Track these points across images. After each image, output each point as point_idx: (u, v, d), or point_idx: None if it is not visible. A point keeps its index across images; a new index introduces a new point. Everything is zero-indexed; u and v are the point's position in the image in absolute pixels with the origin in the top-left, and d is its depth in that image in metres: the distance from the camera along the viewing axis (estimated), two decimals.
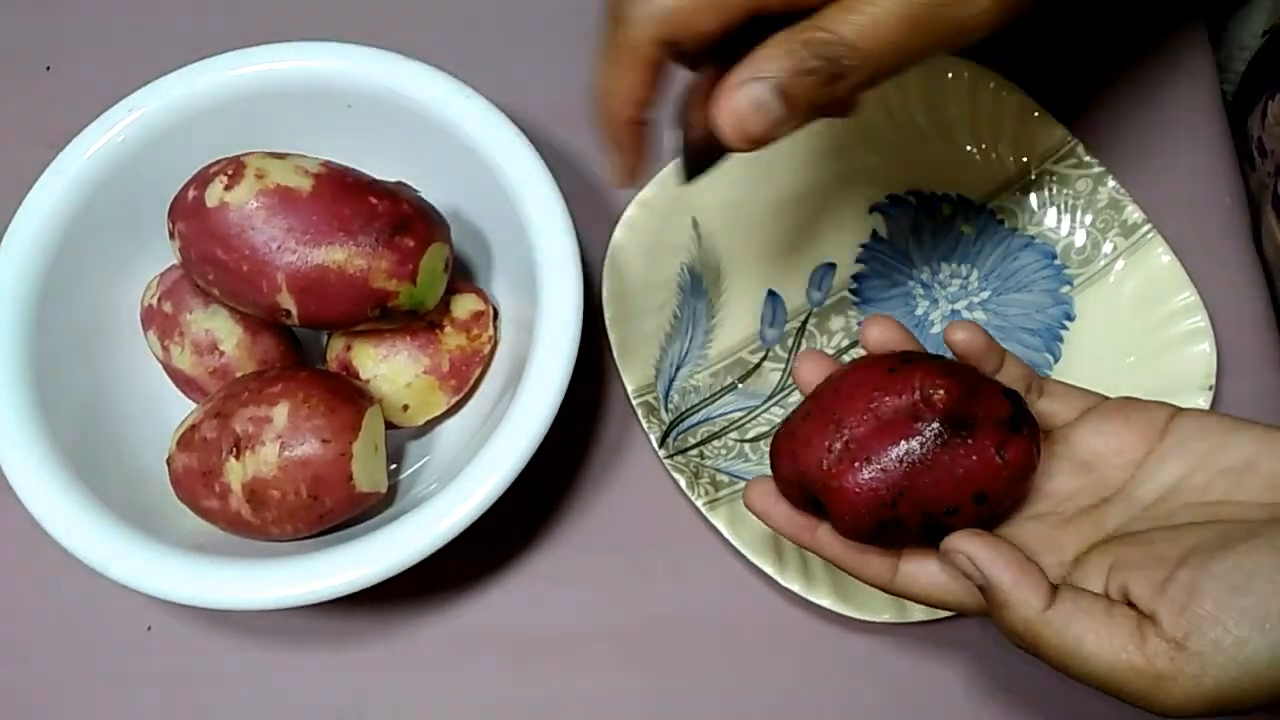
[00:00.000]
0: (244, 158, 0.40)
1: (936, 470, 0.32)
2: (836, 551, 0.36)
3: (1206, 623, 0.30)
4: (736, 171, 0.48)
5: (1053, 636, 0.31)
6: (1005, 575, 0.32)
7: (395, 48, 0.45)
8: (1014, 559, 0.32)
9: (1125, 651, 0.31)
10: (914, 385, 0.33)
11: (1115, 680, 0.31)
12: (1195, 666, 0.30)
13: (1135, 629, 0.31)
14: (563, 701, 0.44)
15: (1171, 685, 0.30)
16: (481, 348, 0.45)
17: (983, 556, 0.32)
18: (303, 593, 0.37)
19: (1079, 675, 0.31)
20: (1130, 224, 0.47)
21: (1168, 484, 0.34)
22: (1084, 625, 0.31)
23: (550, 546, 0.46)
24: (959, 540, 0.33)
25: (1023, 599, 0.32)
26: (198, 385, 0.43)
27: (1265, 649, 0.29)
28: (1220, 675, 0.29)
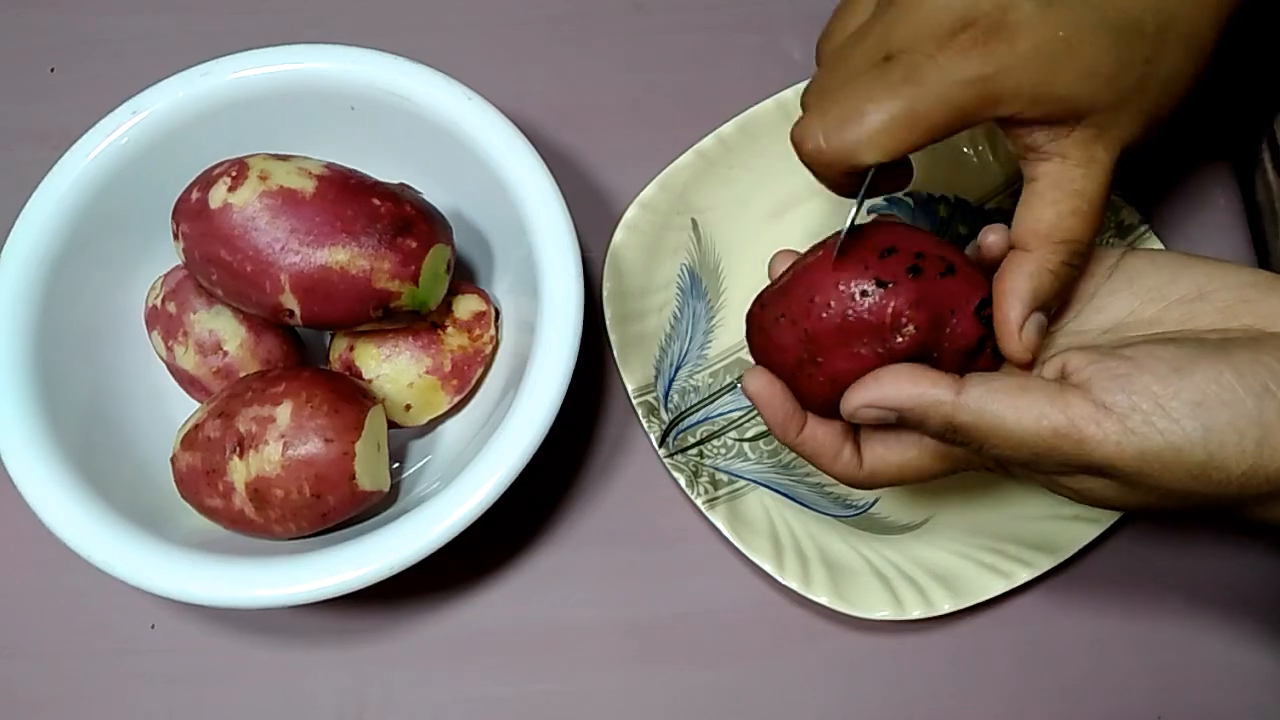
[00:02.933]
0: (247, 159, 0.40)
1: None
2: (814, 448, 0.36)
3: (1141, 395, 0.30)
4: (737, 172, 0.48)
5: (972, 420, 0.31)
6: (904, 390, 0.32)
7: (397, 50, 0.45)
8: (905, 373, 0.32)
9: (1046, 417, 0.30)
10: (887, 314, 0.33)
11: (1038, 448, 0.31)
12: (1119, 433, 0.30)
13: (1056, 394, 0.31)
14: (563, 700, 0.44)
15: (1095, 448, 0.30)
16: (483, 348, 0.45)
17: (879, 394, 0.33)
18: (305, 591, 0.38)
19: (1006, 452, 0.31)
20: (1126, 224, 0.47)
21: (1117, 317, 0.34)
22: (999, 401, 0.31)
23: (551, 545, 0.46)
24: (853, 396, 0.33)
25: (931, 397, 0.32)
26: (201, 385, 0.44)
27: (1197, 431, 0.29)
28: (1145, 446, 0.29)
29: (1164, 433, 0.29)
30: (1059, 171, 0.33)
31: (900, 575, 0.43)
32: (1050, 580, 0.44)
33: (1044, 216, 0.33)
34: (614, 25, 0.55)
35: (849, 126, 0.32)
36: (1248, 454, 0.29)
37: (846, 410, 0.33)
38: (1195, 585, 0.45)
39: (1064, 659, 0.44)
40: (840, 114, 0.32)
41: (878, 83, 0.32)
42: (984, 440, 0.32)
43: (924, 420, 0.32)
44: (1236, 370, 0.30)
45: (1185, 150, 0.51)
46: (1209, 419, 0.29)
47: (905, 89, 0.32)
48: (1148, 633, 0.44)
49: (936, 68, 0.31)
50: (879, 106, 0.32)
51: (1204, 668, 0.44)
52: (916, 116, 0.32)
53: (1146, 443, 0.29)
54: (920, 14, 0.32)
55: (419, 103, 0.44)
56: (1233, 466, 0.29)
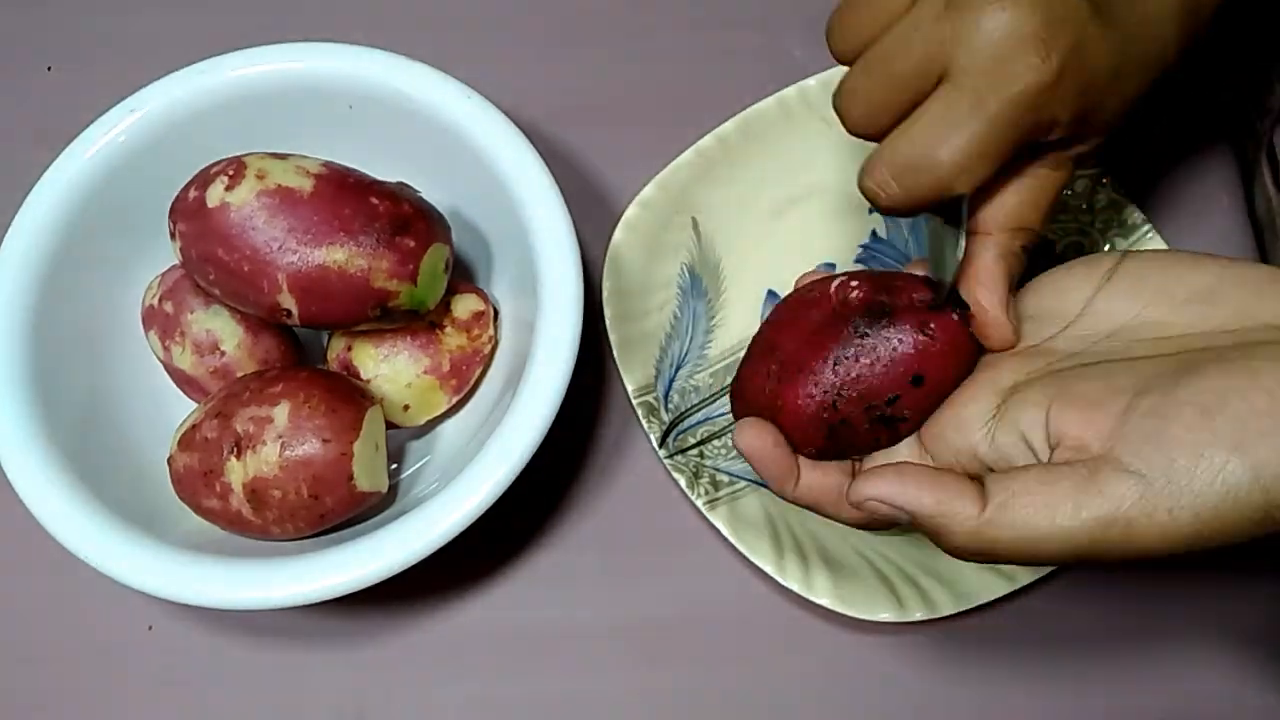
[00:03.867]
0: (245, 158, 0.40)
1: (868, 363, 0.32)
2: (815, 497, 0.34)
3: (1178, 449, 0.27)
4: (737, 171, 0.48)
5: (1001, 537, 0.29)
6: (925, 500, 0.30)
7: (396, 48, 0.45)
8: (926, 479, 0.30)
9: (1082, 509, 0.27)
10: (830, 293, 0.33)
11: (1083, 547, 0.28)
12: (1169, 500, 0.27)
13: (1085, 481, 0.28)
14: (563, 701, 0.44)
15: (1146, 528, 0.27)
16: (482, 348, 0.45)
17: (893, 493, 0.30)
18: (303, 592, 0.37)
19: (1047, 559, 0.28)
20: (1130, 224, 0.47)
21: (1121, 321, 0.32)
22: (1026, 509, 0.28)
23: (550, 546, 0.46)
24: (863, 487, 0.31)
25: (954, 514, 0.29)
26: (199, 385, 0.44)
27: (1246, 471, 0.26)
28: (1199, 505, 0.26)
29: (1213, 484, 0.26)
30: (1032, 168, 0.33)
31: (902, 577, 0.43)
32: (1053, 582, 0.44)
33: (1007, 204, 0.33)
34: (614, 25, 0.55)
35: (922, 176, 0.31)
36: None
37: (856, 499, 0.31)
38: (1197, 586, 0.45)
39: (1066, 660, 0.44)
40: (911, 158, 0.31)
41: (944, 120, 0.31)
42: (1016, 557, 0.29)
43: (942, 533, 0.30)
44: (1269, 392, 0.27)
45: (1190, 152, 0.51)
46: (1255, 456, 0.26)
47: (974, 123, 0.30)
48: (1151, 634, 0.44)
49: (1005, 94, 0.30)
50: (949, 148, 0.31)
51: (1207, 669, 0.43)
52: (986, 151, 0.31)
53: (1199, 500, 0.27)
54: (982, 31, 0.30)
55: (418, 101, 0.44)
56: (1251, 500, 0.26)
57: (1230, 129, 0.51)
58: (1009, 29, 0.30)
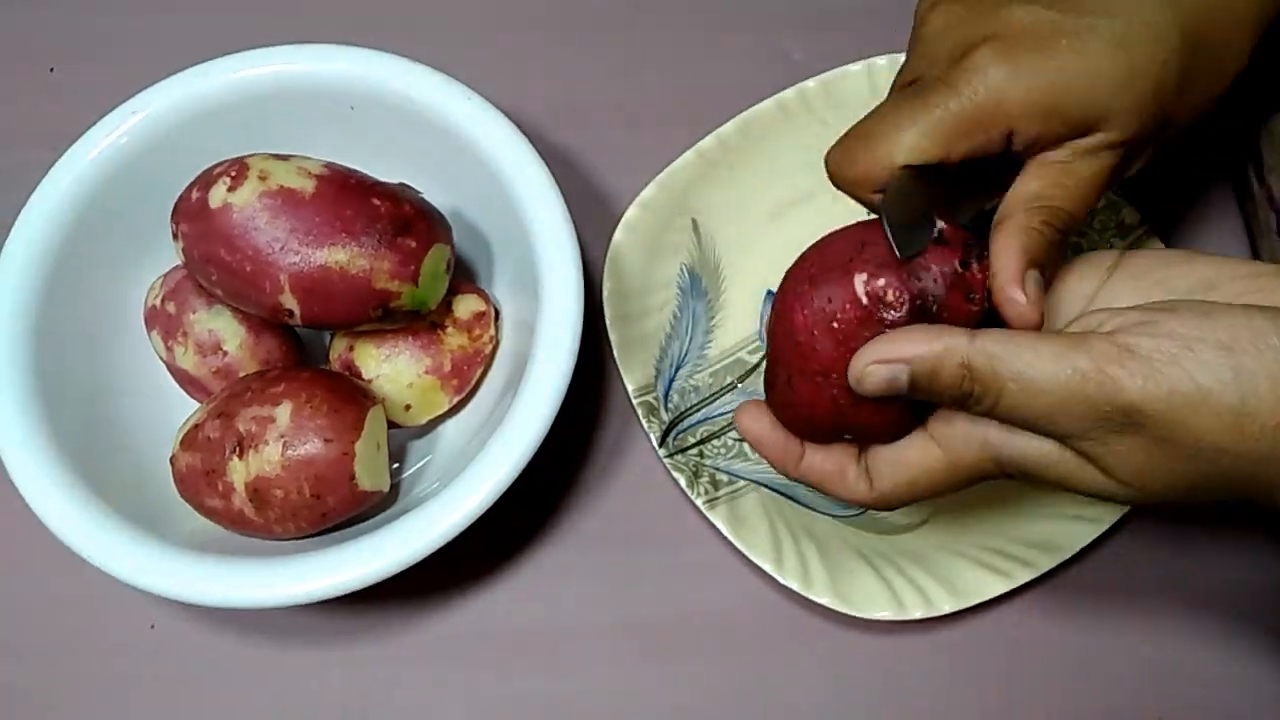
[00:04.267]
0: (247, 159, 0.40)
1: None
2: (818, 477, 0.35)
3: (1167, 338, 0.28)
4: (736, 172, 0.48)
5: (987, 364, 0.29)
6: (915, 341, 0.31)
7: (397, 50, 0.45)
8: (918, 328, 0.31)
9: (1067, 359, 0.28)
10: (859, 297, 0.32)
11: (1061, 396, 0.29)
12: (1147, 372, 0.28)
13: (1078, 340, 0.29)
14: (563, 700, 0.44)
15: (1121, 388, 0.28)
16: (483, 348, 0.45)
17: (887, 349, 0.31)
18: (305, 591, 0.38)
19: (1022, 406, 0.29)
20: (1126, 224, 0.47)
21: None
22: (1018, 343, 0.29)
23: (551, 545, 0.46)
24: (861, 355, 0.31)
25: (943, 344, 0.30)
26: (201, 385, 0.44)
27: (1227, 373, 0.27)
28: (1174, 386, 0.27)
29: (1193, 374, 0.27)
30: (1055, 159, 0.34)
31: (900, 575, 0.43)
32: (1051, 580, 0.44)
33: (1029, 188, 0.34)
34: (614, 25, 0.55)
35: (876, 144, 0.34)
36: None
37: (855, 372, 0.32)
38: (1195, 585, 0.45)
39: (1065, 659, 0.44)
40: (867, 134, 0.34)
41: (901, 104, 0.34)
42: (1002, 390, 0.29)
43: (937, 371, 0.30)
44: (1269, 317, 0.28)
45: (1186, 150, 0.51)
46: (1239, 363, 0.27)
47: (917, 103, 0.33)
48: (1148, 633, 0.44)
49: (945, 84, 0.33)
50: (898, 124, 0.33)
51: (1204, 668, 0.44)
52: (935, 129, 0.33)
53: (1175, 382, 0.28)
54: (934, 38, 0.34)
55: (419, 103, 0.44)
56: (1266, 415, 0.27)
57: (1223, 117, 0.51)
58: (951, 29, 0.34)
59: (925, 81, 0.34)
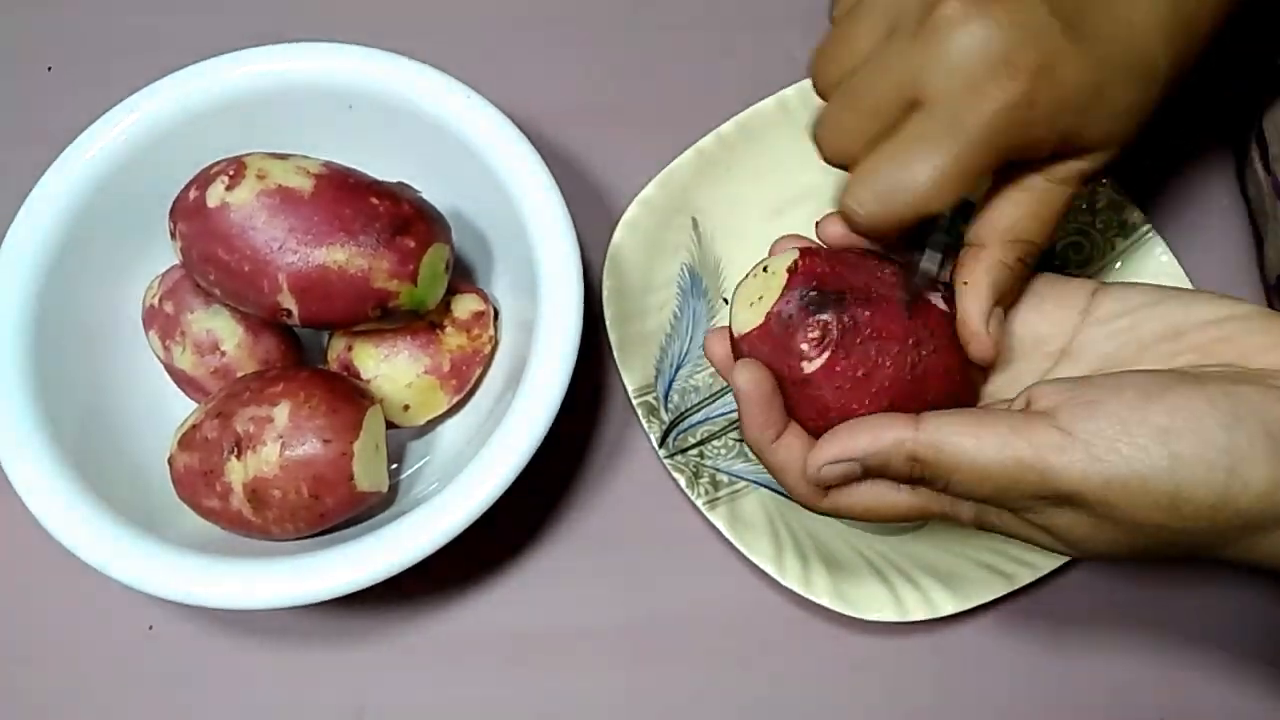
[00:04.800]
0: (245, 158, 0.40)
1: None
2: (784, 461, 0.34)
3: (1107, 421, 0.29)
4: (736, 171, 0.48)
5: (933, 454, 0.30)
6: (861, 439, 0.31)
7: (396, 49, 0.45)
8: (863, 423, 0.32)
9: (1009, 445, 0.29)
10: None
11: (1001, 486, 0.30)
12: (1086, 462, 0.29)
13: (1019, 423, 0.30)
14: (562, 701, 0.44)
15: (1059, 474, 0.29)
16: (482, 348, 0.45)
17: (838, 449, 0.32)
18: (303, 592, 0.37)
19: (972, 486, 0.30)
20: (1130, 224, 0.47)
21: (1094, 365, 0.34)
22: (959, 432, 0.30)
23: (550, 546, 0.46)
24: (815, 457, 0.32)
25: (889, 439, 0.31)
26: (199, 385, 0.44)
27: (1163, 459, 0.28)
28: (1111, 475, 0.28)
29: (1129, 459, 0.28)
30: (1030, 183, 0.34)
31: (901, 576, 0.43)
32: (1052, 581, 0.44)
33: (1006, 215, 0.34)
34: (614, 25, 0.55)
35: (899, 195, 0.32)
36: (1216, 484, 0.28)
37: (811, 472, 0.32)
38: (1197, 586, 0.45)
39: (1066, 661, 0.44)
40: (890, 179, 0.32)
41: (919, 141, 0.32)
42: (949, 474, 0.31)
43: (887, 463, 0.31)
44: (1209, 399, 0.29)
45: (1189, 150, 0.51)
46: (1176, 446, 0.28)
47: (949, 143, 0.31)
48: (1151, 634, 0.44)
49: (977, 115, 0.31)
50: (926, 166, 0.31)
51: (1207, 669, 0.44)
52: (963, 170, 0.31)
53: (1112, 470, 0.28)
54: (951, 55, 0.31)
55: (418, 102, 0.44)
56: (1201, 498, 0.28)
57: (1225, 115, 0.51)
58: (977, 52, 0.31)
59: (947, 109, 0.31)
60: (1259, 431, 0.28)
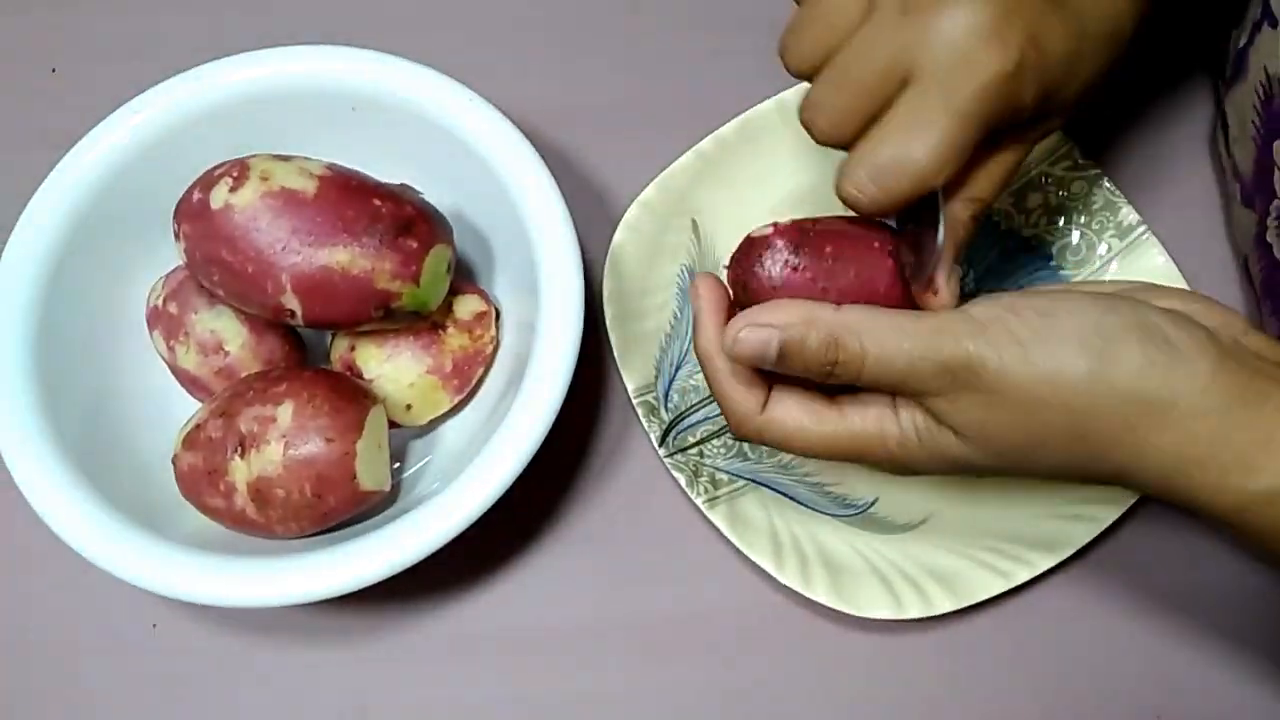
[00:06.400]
0: (249, 160, 0.40)
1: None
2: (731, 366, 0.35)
3: (1000, 306, 0.32)
4: (736, 172, 0.48)
5: (847, 334, 0.32)
6: (786, 309, 0.33)
7: (398, 51, 0.45)
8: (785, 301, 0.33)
9: (921, 319, 0.32)
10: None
11: (913, 354, 0.31)
12: (976, 332, 0.31)
13: (928, 314, 0.32)
14: (563, 700, 0.44)
15: (960, 346, 0.31)
16: (484, 348, 0.45)
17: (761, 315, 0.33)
18: (306, 591, 0.38)
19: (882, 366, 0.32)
20: (1125, 225, 0.47)
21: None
22: (877, 315, 0.32)
23: (551, 545, 0.46)
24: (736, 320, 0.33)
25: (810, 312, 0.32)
26: (203, 385, 0.44)
27: (1043, 331, 0.31)
28: (997, 345, 0.31)
29: (1013, 331, 0.31)
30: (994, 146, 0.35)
31: (900, 575, 0.43)
32: (1049, 580, 0.44)
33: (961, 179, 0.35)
34: (614, 25, 0.55)
35: (900, 174, 0.33)
36: (1091, 355, 0.30)
37: (729, 335, 0.33)
38: (1194, 585, 0.45)
39: (1063, 658, 0.44)
40: (889, 159, 0.33)
41: (915, 118, 0.32)
42: (863, 352, 0.32)
43: (804, 341, 0.32)
44: (1087, 294, 0.32)
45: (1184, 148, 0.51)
46: (1054, 323, 0.31)
47: (945, 118, 0.32)
48: (1147, 632, 0.44)
49: (970, 89, 0.32)
50: (924, 144, 0.32)
51: (1203, 667, 0.44)
52: (960, 142, 0.32)
53: (998, 340, 0.31)
54: (943, 30, 0.32)
55: (420, 103, 0.44)
56: (1077, 367, 0.30)
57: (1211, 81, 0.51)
58: (967, 26, 0.32)
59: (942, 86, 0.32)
60: (1131, 321, 0.31)
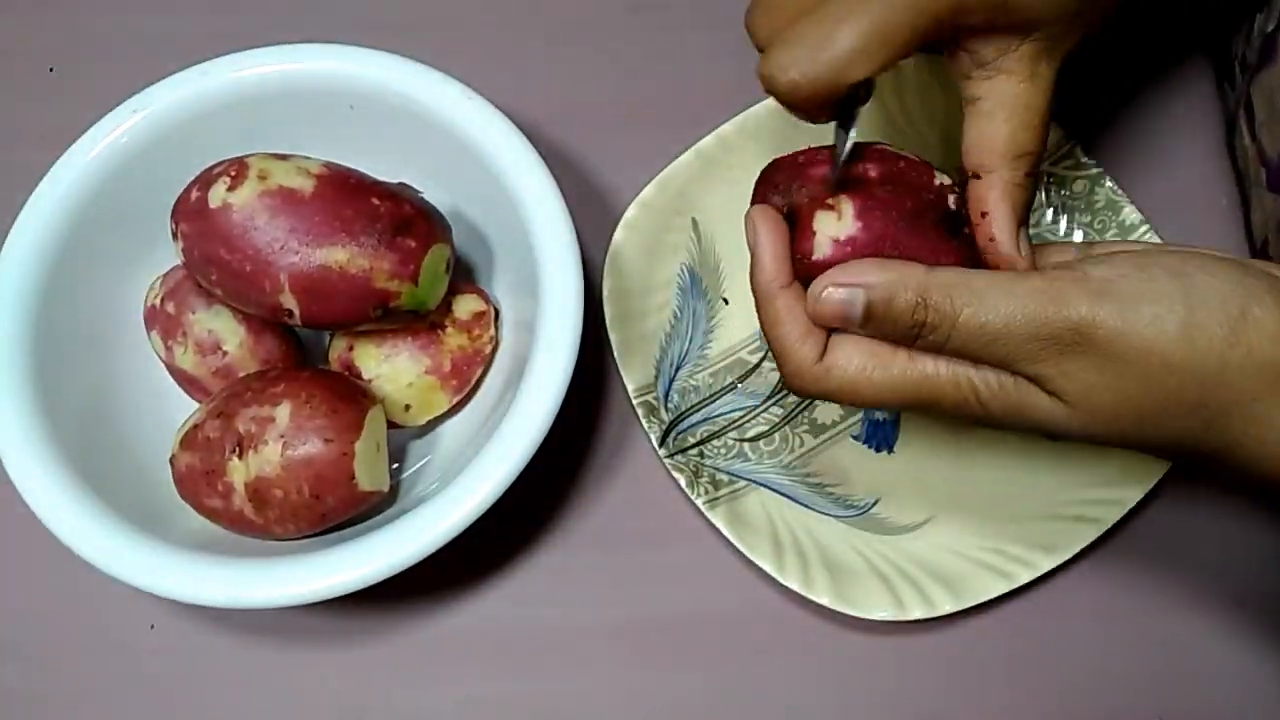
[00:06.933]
0: (247, 159, 0.40)
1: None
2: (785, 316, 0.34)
3: (1123, 263, 0.30)
4: (736, 172, 0.48)
5: (943, 293, 0.30)
6: (873, 268, 0.31)
7: (397, 49, 0.45)
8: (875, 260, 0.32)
9: (1024, 278, 0.30)
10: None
11: (1016, 317, 0.29)
12: (1100, 289, 0.29)
13: (1030, 269, 0.31)
14: (563, 700, 0.44)
15: (1075, 303, 0.29)
16: (483, 348, 0.45)
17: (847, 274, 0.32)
18: (305, 592, 0.38)
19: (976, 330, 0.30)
20: (1128, 224, 0.47)
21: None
22: (973, 273, 0.31)
23: (550, 546, 0.46)
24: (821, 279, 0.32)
25: (901, 270, 0.31)
26: (201, 385, 0.44)
27: (1176, 288, 0.29)
28: (1125, 302, 0.29)
29: (1144, 289, 0.29)
30: (1006, 88, 0.33)
31: (901, 575, 0.43)
32: (1051, 581, 0.44)
33: (999, 134, 0.33)
34: (613, 25, 0.55)
35: (826, 53, 0.31)
36: (1231, 314, 0.28)
37: (814, 293, 0.32)
38: (1196, 586, 0.45)
39: (1065, 659, 0.44)
40: (814, 42, 0.31)
41: (848, 8, 0.31)
42: (956, 313, 0.30)
43: (893, 298, 0.31)
44: (1217, 259, 0.30)
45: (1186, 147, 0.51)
46: (1188, 280, 0.29)
47: (877, 6, 0.31)
48: (1149, 633, 0.44)
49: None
50: (852, 27, 0.31)
51: (1204, 668, 0.44)
52: (890, 28, 0.31)
53: (1126, 296, 0.29)
54: None
55: (419, 102, 0.44)
56: (1214, 327, 0.28)
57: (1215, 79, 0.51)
58: None
59: None
60: (1266, 285, 0.29)
